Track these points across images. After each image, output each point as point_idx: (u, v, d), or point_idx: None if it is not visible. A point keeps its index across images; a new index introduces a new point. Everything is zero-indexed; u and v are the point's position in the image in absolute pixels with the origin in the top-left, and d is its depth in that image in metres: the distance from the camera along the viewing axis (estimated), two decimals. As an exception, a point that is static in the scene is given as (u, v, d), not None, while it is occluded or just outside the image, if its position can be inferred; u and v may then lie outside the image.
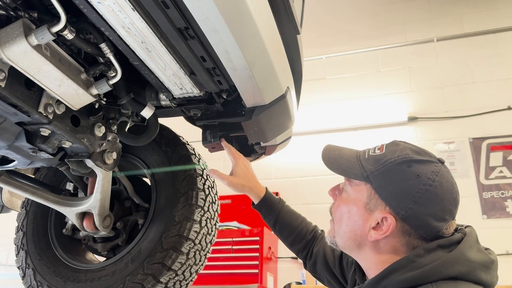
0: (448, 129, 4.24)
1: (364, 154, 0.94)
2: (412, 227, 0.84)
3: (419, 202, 0.83)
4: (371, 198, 0.88)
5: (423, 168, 0.85)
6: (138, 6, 0.85)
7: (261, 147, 1.56)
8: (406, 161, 0.86)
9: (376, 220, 0.87)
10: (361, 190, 0.91)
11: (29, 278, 1.54)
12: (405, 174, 0.85)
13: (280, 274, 4.14)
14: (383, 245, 0.88)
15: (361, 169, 0.91)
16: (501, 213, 3.87)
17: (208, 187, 1.50)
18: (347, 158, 0.96)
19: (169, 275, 1.37)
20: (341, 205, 0.96)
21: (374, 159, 0.90)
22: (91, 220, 1.41)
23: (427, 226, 0.83)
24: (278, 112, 1.29)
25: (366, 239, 0.89)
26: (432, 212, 0.83)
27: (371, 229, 0.88)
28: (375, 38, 4.88)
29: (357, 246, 0.92)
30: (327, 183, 1.04)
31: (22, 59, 0.91)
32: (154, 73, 1.11)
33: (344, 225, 0.94)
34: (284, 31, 1.12)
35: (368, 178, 0.89)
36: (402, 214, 0.84)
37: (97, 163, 1.29)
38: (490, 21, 4.51)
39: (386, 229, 0.85)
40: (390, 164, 0.87)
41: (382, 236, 0.86)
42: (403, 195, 0.84)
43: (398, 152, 0.88)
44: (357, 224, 0.91)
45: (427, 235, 0.84)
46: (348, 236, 0.93)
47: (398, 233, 0.85)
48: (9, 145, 1.11)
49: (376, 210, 0.87)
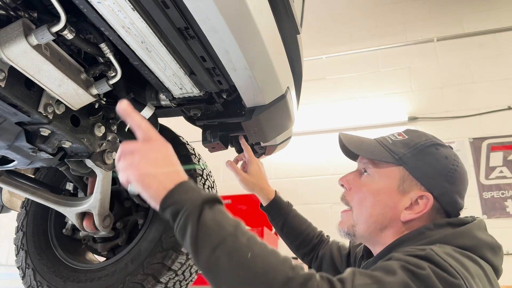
0: (448, 129, 4.24)
1: (385, 140, 0.98)
2: (442, 205, 0.89)
3: (450, 181, 0.89)
4: (404, 179, 0.91)
5: (447, 150, 0.93)
6: (138, 6, 0.85)
7: (261, 147, 1.56)
8: (433, 144, 0.93)
9: (411, 200, 0.89)
10: (391, 172, 0.93)
11: (29, 278, 1.54)
12: (436, 156, 0.91)
13: (280, 274, 4.14)
14: (414, 224, 0.90)
15: (390, 152, 0.94)
16: (501, 213, 3.88)
17: (208, 187, 1.50)
18: (370, 143, 0.99)
19: (169, 275, 1.37)
20: (363, 190, 0.96)
21: (402, 143, 0.94)
22: (91, 220, 1.41)
23: (455, 203, 0.90)
24: (278, 112, 1.28)
25: (396, 221, 0.91)
26: (458, 189, 0.90)
27: (404, 210, 0.90)
28: (375, 38, 4.88)
29: (380, 230, 0.93)
30: (327, 183, 1.05)
31: (22, 59, 0.91)
32: (154, 73, 1.11)
33: (370, 209, 0.94)
34: (284, 31, 1.12)
35: (402, 160, 0.92)
36: (437, 192, 0.89)
37: (97, 163, 1.29)
38: (490, 21, 4.51)
39: (422, 208, 0.88)
40: (420, 146, 0.92)
41: (417, 215, 0.88)
42: (438, 174, 0.89)
43: (424, 136, 0.95)
44: (387, 207, 0.92)
45: (452, 212, 0.90)
46: (375, 219, 0.93)
47: (430, 211, 0.89)
48: (9, 145, 1.11)
49: (411, 190, 0.90)
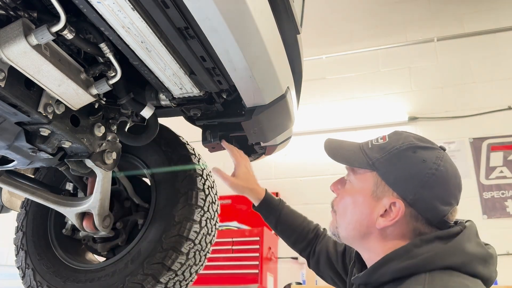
0: (448, 129, 4.24)
1: (367, 144, 0.95)
2: (420, 212, 0.84)
3: (427, 186, 0.83)
4: (378, 185, 0.88)
5: (428, 153, 0.86)
6: (137, 5, 0.85)
7: (261, 147, 1.56)
8: (411, 147, 0.87)
9: (384, 207, 0.87)
10: (366, 179, 0.90)
11: (29, 278, 1.54)
12: (411, 159, 0.86)
13: (280, 274, 4.14)
14: (391, 232, 0.87)
15: (366, 157, 0.91)
16: (502, 213, 3.87)
17: (208, 187, 1.50)
18: (350, 148, 0.97)
19: (169, 275, 1.37)
20: (345, 197, 0.95)
21: (379, 147, 0.91)
22: (90, 220, 1.41)
23: (434, 210, 0.84)
24: (278, 112, 1.28)
25: (373, 228, 0.89)
26: (438, 195, 0.84)
27: (379, 217, 0.87)
28: (375, 38, 4.88)
29: (361, 237, 0.91)
30: (327, 183, 1.04)
31: (21, 59, 0.91)
32: (154, 73, 1.10)
33: (349, 216, 0.93)
34: (284, 31, 1.12)
35: (374, 165, 0.89)
36: (410, 198, 0.84)
37: (97, 163, 1.29)
38: (490, 21, 4.51)
39: (395, 215, 0.85)
40: (395, 150, 0.88)
41: (391, 222, 0.85)
42: (411, 180, 0.84)
43: (402, 139, 0.90)
44: (363, 214, 0.90)
45: (434, 219, 0.85)
46: (353, 226, 0.92)
47: (406, 218, 0.85)
48: (9, 145, 1.11)
49: (384, 197, 0.87)
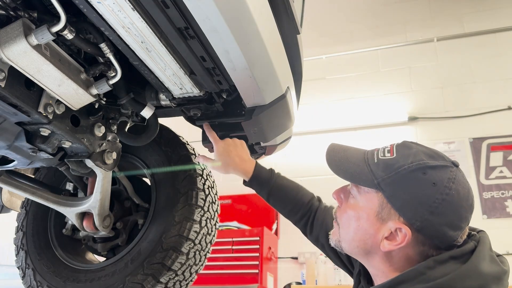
0: (448, 129, 4.24)
1: (373, 157, 0.88)
2: (427, 237, 0.80)
3: (436, 212, 0.78)
4: (383, 207, 0.83)
5: (439, 174, 0.80)
6: (138, 6, 0.85)
7: (261, 147, 1.56)
8: (420, 168, 0.80)
9: (390, 230, 0.82)
10: (371, 198, 0.85)
11: (29, 278, 1.54)
12: (420, 182, 0.79)
13: (280, 274, 4.14)
14: (396, 254, 0.84)
15: (371, 174, 0.84)
16: (502, 213, 3.88)
17: (208, 187, 1.50)
18: (354, 161, 0.90)
19: (169, 275, 1.37)
20: (348, 211, 0.90)
21: (385, 164, 0.84)
22: (91, 220, 1.41)
23: (443, 236, 0.79)
24: (278, 112, 1.28)
25: (377, 248, 0.85)
26: (448, 221, 0.79)
27: (384, 239, 0.83)
28: (375, 38, 4.88)
29: (365, 254, 0.88)
30: (327, 183, 1.04)
31: (22, 59, 0.91)
32: (154, 73, 1.10)
33: (352, 233, 0.89)
34: (284, 31, 1.12)
35: (380, 186, 0.83)
36: (417, 225, 0.79)
37: (97, 163, 1.29)
38: (490, 21, 4.51)
39: (401, 240, 0.80)
40: (403, 171, 0.81)
41: (396, 247, 0.81)
42: (419, 205, 0.79)
43: (412, 157, 0.82)
44: (367, 234, 0.85)
45: (442, 244, 0.81)
46: (357, 244, 0.88)
47: (412, 243, 0.81)
48: (9, 145, 1.11)
49: (389, 220, 0.82)
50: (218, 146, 1.35)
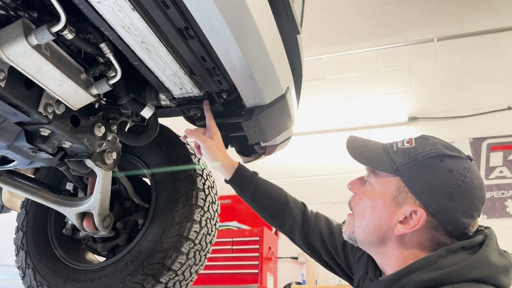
0: (448, 129, 4.24)
1: (392, 146, 0.92)
2: (440, 222, 0.83)
3: (451, 197, 0.82)
4: (400, 191, 0.87)
5: (455, 163, 0.84)
6: (138, 6, 0.85)
7: (261, 147, 1.56)
8: (438, 155, 0.85)
9: (405, 214, 0.85)
10: (388, 183, 0.89)
11: (29, 278, 1.54)
12: (438, 169, 0.84)
13: (280, 274, 4.14)
14: (409, 239, 0.86)
15: (390, 161, 0.89)
16: (502, 213, 3.88)
17: (208, 187, 1.50)
18: (374, 149, 0.94)
19: (169, 275, 1.37)
20: (364, 198, 0.93)
21: (404, 152, 0.88)
22: (91, 220, 1.41)
23: (456, 222, 0.83)
24: (278, 112, 1.28)
25: (391, 233, 0.87)
26: (462, 208, 0.83)
27: (398, 223, 0.86)
28: (375, 38, 4.87)
29: (379, 241, 0.90)
30: (327, 183, 1.04)
31: (22, 59, 0.91)
32: (154, 73, 1.11)
33: (367, 219, 0.91)
34: (284, 31, 1.12)
35: (398, 171, 0.87)
36: (432, 208, 0.83)
37: (97, 163, 1.29)
38: (490, 21, 4.51)
39: (415, 223, 0.84)
40: (421, 157, 0.86)
41: (410, 230, 0.84)
42: (435, 190, 0.83)
43: (430, 146, 0.87)
44: (382, 218, 0.88)
45: (454, 231, 0.84)
46: (372, 230, 0.90)
47: (425, 227, 0.84)
48: (9, 145, 1.11)
49: (405, 203, 0.86)
50: (218, 132, 1.33)
